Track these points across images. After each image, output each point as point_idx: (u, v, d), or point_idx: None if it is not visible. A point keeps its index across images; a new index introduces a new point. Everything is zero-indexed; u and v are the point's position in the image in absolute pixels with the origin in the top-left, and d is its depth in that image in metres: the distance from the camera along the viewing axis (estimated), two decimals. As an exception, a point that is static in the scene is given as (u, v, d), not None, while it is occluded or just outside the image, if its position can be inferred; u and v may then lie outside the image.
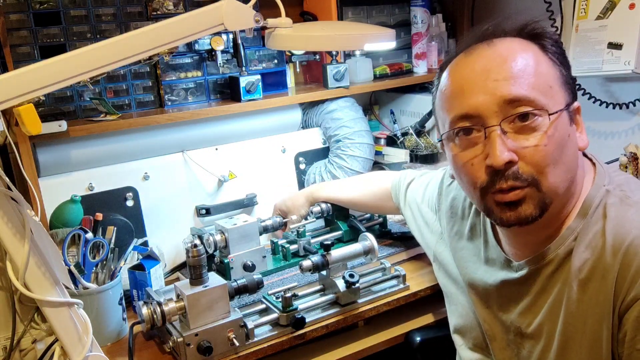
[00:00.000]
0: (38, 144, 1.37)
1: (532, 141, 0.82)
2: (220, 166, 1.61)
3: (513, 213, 0.85)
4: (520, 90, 0.81)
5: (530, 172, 0.82)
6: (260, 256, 1.42)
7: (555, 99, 0.83)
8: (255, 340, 1.18)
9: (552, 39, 0.88)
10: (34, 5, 1.39)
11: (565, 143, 0.84)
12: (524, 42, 0.87)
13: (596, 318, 0.83)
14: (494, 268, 1.00)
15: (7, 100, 0.80)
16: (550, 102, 0.82)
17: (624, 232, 0.81)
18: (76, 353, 0.90)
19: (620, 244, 0.81)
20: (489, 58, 0.85)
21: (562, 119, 0.84)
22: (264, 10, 1.17)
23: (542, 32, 0.88)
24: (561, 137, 0.83)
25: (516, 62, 0.83)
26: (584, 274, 0.84)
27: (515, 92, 0.81)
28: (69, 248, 1.24)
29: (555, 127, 0.82)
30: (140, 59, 0.92)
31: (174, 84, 1.58)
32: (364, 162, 1.71)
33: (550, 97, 0.83)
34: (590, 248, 0.84)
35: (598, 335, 0.83)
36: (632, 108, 1.55)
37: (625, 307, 0.80)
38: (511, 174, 0.82)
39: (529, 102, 0.82)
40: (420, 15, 1.88)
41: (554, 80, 0.85)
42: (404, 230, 1.62)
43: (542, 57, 0.86)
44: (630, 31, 1.41)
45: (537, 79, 0.83)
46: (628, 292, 0.79)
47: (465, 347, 1.10)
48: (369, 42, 1.21)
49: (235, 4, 0.99)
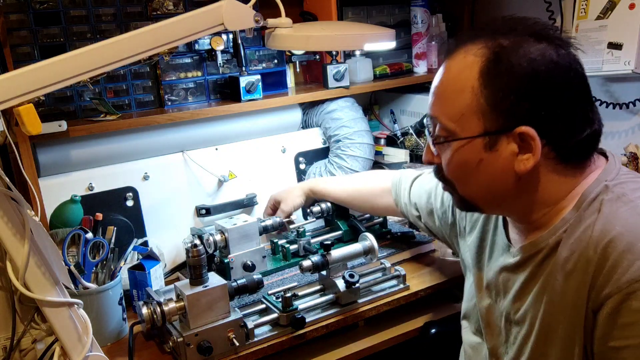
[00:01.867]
0: (38, 144, 1.37)
1: (441, 157, 0.93)
2: (220, 166, 1.61)
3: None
4: (435, 111, 0.91)
5: (445, 176, 0.93)
6: (260, 256, 1.42)
7: (464, 127, 0.87)
8: (255, 340, 1.18)
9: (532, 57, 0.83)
10: (34, 5, 1.39)
11: (474, 167, 0.88)
12: (475, 58, 0.85)
13: (575, 310, 0.83)
14: (496, 253, 1.03)
15: (7, 100, 0.80)
16: (458, 128, 0.87)
17: (609, 228, 0.82)
18: (76, 353, 0.90)
19: (603, 238, 0.81)
20: (440, 72, 0.92)
21: (470, 145, 0.87)
22: (264, 10, 1.17)
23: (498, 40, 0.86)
24: (463, 162, 0.89)
25: (443, 83, 0.90)
26: (569, 266, 0.85)
27: (432, 111, 0.91)
28: (69, 248, 1.24)
29: (458, 151, 0.88)
30: (140, 59, 0.92)
31: (174, 84, 1.58)
32: (364, 162, 1.71)
33: (460, 124, 0.87)
34: (578, 241, 0.85)
35: (573, 327, 0.84)
36: (632, 108, 1.55)
37: (598, 304, 0.80)
38: (435, 169, 0.96)
39: (440, 123, 0.90)
40: (420, 15, 1.88)
41: (470, 109, 0.86)
42: (404, 230, 1.63)
43: (472, 83, 0.85)
44: (630, 31, 1.41)
45: (449, 105, 0.88)
46: (602, 288, 0.80)
47: (469, 330, 1.12)
48: (369, 42, 1.21)
49: (235, 4, 0.99)
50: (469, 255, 1.12)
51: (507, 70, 0.83)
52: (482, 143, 0.87)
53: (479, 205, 0.94)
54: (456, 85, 0.87)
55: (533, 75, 0.83)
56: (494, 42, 0.86)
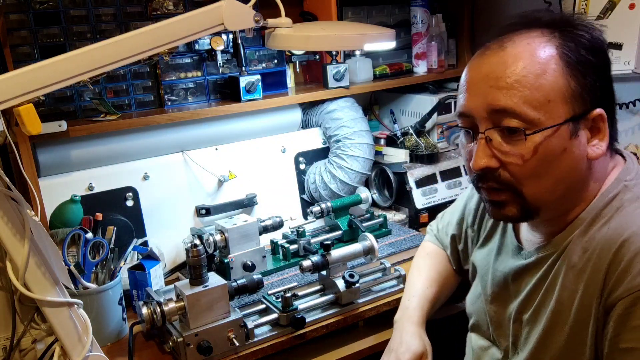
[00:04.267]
0: (38, 144, 1.37)
1: (515, 154, 0.83)
2: (220, 166, 1.61)
3: (498, 212, 0.89)
4: (509, 102, 0.81)
5: (509, 180, 0.84)
6: (260, 256, 1.42)
7: (551, 114, 0.81)
8: (255, 340, 1.18)
9: (583, 40, 0.83)
10: (34, 5, 1.39)
11: (556, 158, 0.82)
12: (543, 43, 0.83)
13: (584, 309, 0.83)
14: (504, 256, 1.02)
15: (7, 100, 0.80)
16: (543, 117, 0.81)
17: (623, 228, 0.81)
18: (76, 353, 0.90)
19: (617, 238, 0.81)
20: (495, 63, 0.84)
21: (557, 133, 0.82)
22: (264, 10, 1.16)
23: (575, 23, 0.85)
24: (549, 153, 0.82)
25: (516, 71, 0.81)
26: (580, 264, 0.84)
27: (504, 103, 0.81)
28: (69, 248, 1.24)
29: (542, 143, 0.81)
30: (140, 59, 0.92)
31: (174, 84, 1.58)
32: (364, 162, 1.71)
33: (546, 111, 0.81)
34: (592, 240, 0.84)
35: (583, 326, 0.83)
36: (632, 108, 1.55)
37: (610, 304, 0.80)
38: (490, 176, 0.85)
39: (516, 115, 0.81)
40: (420, 15, 1.88)
41: (557, 93, 0.81)
42: (404, 230, 1.62)
43: (553, 65, 0.81)
44: (630, 31, 1.41)
45: (532, 92, 0.81)
46: (614, 288, 0.79)
47: (477, 333, 1.11)
48: (369, 42, 1.21)
49: (235, 4, 0.99)
50: (479, 261, 1.10)
51: (584, 48, 0.82)
52: (568, 130, 0.82)
53: (543, 206, 0.86)
54: (535, 68, 0.81)
55: (601, 53, 0.84)
56: (551, 28, 0.84)
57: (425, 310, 1.18)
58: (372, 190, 1.82)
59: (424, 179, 1.71)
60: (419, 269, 1.26)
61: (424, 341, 1.12)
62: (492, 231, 1.09)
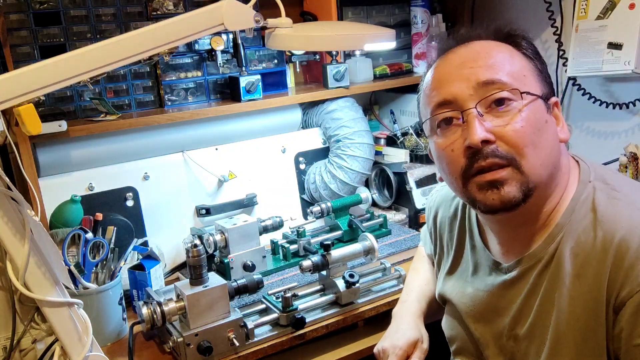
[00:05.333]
0: (38, 144, 1.37)
1: (508, 122, 0.83)
2: (220, 166, 1.61)
3: (497, 196, 0.84)
4: (495, 75, 0.85)
5: (509, 151, 0.83)
6: (260, 256, 1.42)
7: (529, 86, 0.86)
8: (255, 340, 1.18)
9: (525, 39, 0.92)
10: (34, 5, 1.39)
11: (543, 127, 0.85)
12: (498, 42, 0.91)
13: (589, 314, 0.82)
14: (482, 274, 1.00)
15: (7, 100, 0.80)
16: (525, 88, 0.85)
17: (614, 227, 0.81)
18: (76, 353, 0.90)
19: (611, 239, 0.81)
20: (466, 54, 0.89)
21: (538, 104, 0.86)
22: (264, 10, 1.17)
23: (515, 33, 0.93)
24: (537, 120, 0.85)
25: (491, 55, 0.87)
26: (575, 270, 0.84)
27: (490, 75, 0.85)
28: (69, 248, 1.24)
29: (530, 109, 0.84)
30: (140, 59, 0.92)
31: (174, 84, 1.58)
32: (364, 162, 1.71)
33: (524, 84, 0.85)
34: (580, 243, 0.84)
35: (591, 331, 0.83)
36: (632, 108, 1.55)
37: (620, 303, 0.80)
38: (490, 151, 0.83)
39: (503, 85, 0.84)
40: (420, 15, 1.88)
41: (528, 70, 0.88)
42: (404, 230, 1.62)
43: (515, 52, 0.89)
44: (630, 31, 1.41)
45: (511, 67, 0.86)
46: (622, 287, 0.79)
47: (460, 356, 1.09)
48: (369, 42, 1.21)
49: (235, 4, 0.99)
50: (450, 289, 1.08)
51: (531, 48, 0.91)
52: (544, 105, 0.87)
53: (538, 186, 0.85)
54: (503, 52, 0.88)
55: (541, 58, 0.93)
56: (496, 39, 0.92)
57: (423, 304, 1.18)
58: (372, 190, 1.82)
59: (424, 179, 1.71)
60: (417, 270, 1.28)
61: (420, 330, 1.12)
62: (458, 254, 1.06)
